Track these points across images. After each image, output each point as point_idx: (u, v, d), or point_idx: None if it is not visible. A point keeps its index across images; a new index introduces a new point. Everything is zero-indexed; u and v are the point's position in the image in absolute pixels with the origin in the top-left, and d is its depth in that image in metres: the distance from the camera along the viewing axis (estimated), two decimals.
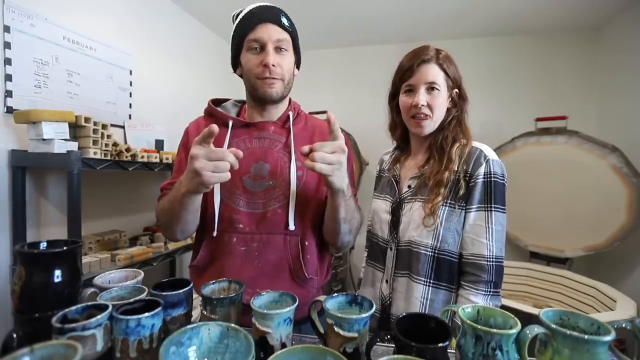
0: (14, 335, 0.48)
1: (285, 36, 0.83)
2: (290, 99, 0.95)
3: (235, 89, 0.88)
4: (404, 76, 0.90)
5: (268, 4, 0.84)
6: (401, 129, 0.99)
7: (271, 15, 0.82)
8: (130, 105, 1.89)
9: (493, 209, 0.83)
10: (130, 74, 1.88)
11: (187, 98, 2.36)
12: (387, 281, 0.94)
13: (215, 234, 0.84)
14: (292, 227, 0.83)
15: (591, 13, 2.26)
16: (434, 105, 0.87)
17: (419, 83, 0.87)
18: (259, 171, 0.84)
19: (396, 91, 0.95)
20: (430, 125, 0.89)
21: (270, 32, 0.81)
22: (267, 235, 0.83)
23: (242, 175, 0.84)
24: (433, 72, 0.86)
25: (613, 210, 2.00)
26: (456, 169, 0.86)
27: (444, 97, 0.88)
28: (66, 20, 1.51)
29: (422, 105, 0.86)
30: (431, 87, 0.87)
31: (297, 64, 0.92)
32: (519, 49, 2.64)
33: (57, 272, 0.55)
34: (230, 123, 0.88)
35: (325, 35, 2.77)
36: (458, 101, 0.91)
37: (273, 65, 0.81)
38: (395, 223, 0.94)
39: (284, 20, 0.83)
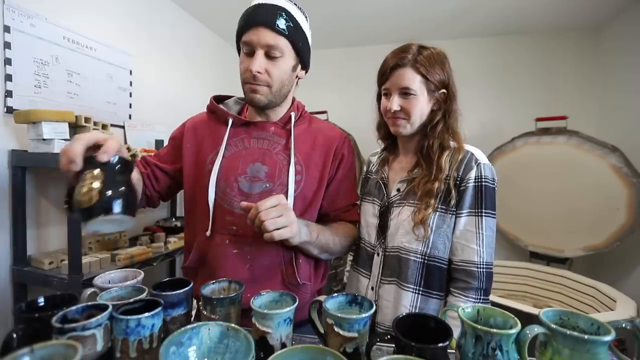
0: (14, 335, 0.48)
1: (278, 41, 0.77)
2: (294, 99, 0.93)
3: (235, 89, 0.87)
4: (381, 79, 0.89)
5: (269, 2, 0.78)
6: (385, 128, 0.96)
7: (266, 17, 0.76)
8: (130, 105, 1.89)
9: (484, 214, 0.81)
10: (130, 74, 1.88)
11: (187, 98, 2.36)
12: (372, 288, 0.90)
13: (208, 233, 0.82)
14: None
15: (591, 12, 2.26)
16: (409, 109, 0.84)
17: (393, 87, 0.85)
18: (255, 173, 0.82)
19: (380, 91, 0.93)
20: (407, 127, 0.87)
21: (260, 37, 0.76)
22: (261, 239, 0.81)
23: (238, 176, 0.82)
24: (407, 77, 0.82)
25: (613, 210, 2.00)
26: (447, 174, 0.83)
27: (423, 101, 0.84)
28: (66, 20, 1.51)
29: (396, 110, 0.85)
30: (405, 93, 0.84)
31: (303, 65, 0.87)
32: (519, 49, 2.64)
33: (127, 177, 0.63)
34: (230, 121, 0.86)
35: (325, 35, 2.77)
36: (443, 103, 0.86)
37: (259, 72, 0.77)
38: (382, 227, 0.90)
39: (280, 23, 0.76)
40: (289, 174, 0.82)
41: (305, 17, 0.85)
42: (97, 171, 0.57)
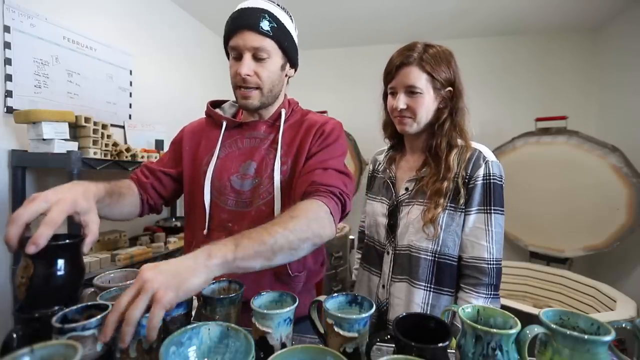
0: (14, 335, 0.48)
1: (264, 43, 0.78)
2: (285, 96, 0.93)
3: None
4: (387, 78, 0.89)
5: (251, 6, 0.79)
6: (392, 127, 0.97)
7: (249, 20, 0.77)
8: (130, 105, 1.89)
9: (492, 211, 0.82)
10: (130, 74, 1.88)
11: (187, 98, 2.36)
12: (384, 286, 0.92)
13: (205, 232, 0.84)
14: None
15: (591, 13, 2.26)
16: (415, 108, 0.85)
17: (399, 86, 0.86)
18: (246, 170, 0.84)
19: (386, 90, 0.93)
20: (413, 126, 0.87)
21: (245, 40, 0.77)
22: None
23: (231, 175, 0.85)
24: (413, 76, 0.83)
25: (613, 210, 2.00)
26: (456, 173, 0.84)
27: (429, 100, 0.85)
28: (66, 20, 1.51)
29: (402, 108, 0.85)
30: (411, 91, 0.84)
31: (292, 63, 0.88)
32: (519, 49, 2.64)
33: (63, 265, 0.55)
34: (224, 124, 0.89)
35: (325, 35, 2.77)
36: (449, 101, 0.87)
37: (248, 75, 0.79)
38: (392, 227, 0.91)
39: (264, 25, 0.77)
40: (274, 166, 0.82)
41: (289, 16, 0.86)
42: (27, 263, 0.52)
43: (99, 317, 0.47)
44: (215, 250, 0.55)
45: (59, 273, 0.54)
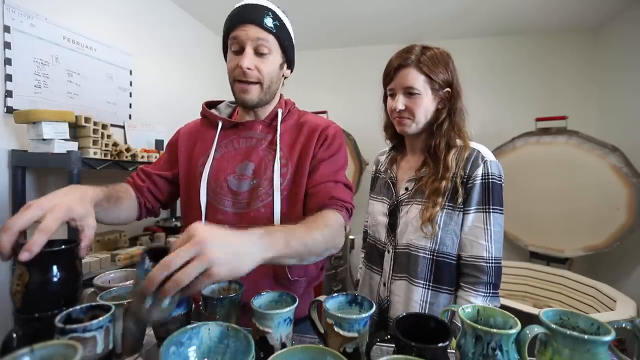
0: (14, 335, 0.48)
1: (267, 37, 0.78)
2: (281, 96, 0.93)
3: None
4: (386, 80, 0.91)
5: (255, 3, 0.80)
6: (393, 129, 0.98)
7: (253, 15, 0.78)
8: (130, 105, 1.89)
9: (491, 210, 0.82)
10: (130, 74, 1.88)
11: (187, 98, 2.36)
12: (384, 284, 0.93)
13: None
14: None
15: (591, 13, 2.26)
16: (413, 109, 0.87)
17: (397, 88, 0.88)
18: (243, 171, 0.83)
19: (386, 92, 0.95)
20: (412, 126, 0.89)
21: (249, 33, 0.77)
22: None
23: (227, 175, 0.84)
24: (411, 77, 0.85)
25: (613, 210, 2.00)
26: (454, 172, 0.85)
27: (427, 101, 0.87)
28: (66, 20, 1.51)
29: (400, 109, 0.87)
30: (409, 92, 0.86)
31: (289, 64, 0.88)
32: (519, 49, 2.64)
33: (58, 272, 0.55)
34: (220, 124, 0.88)
35: (325, 35, 2.77)
36: (447, 102, 0.88)
37: (249, 69, 0.78)
38: (392, 226, 0.93)
39: (267, 21, 0.78)
40: (274, 168, 0.82)
41: (287, 18, 0.86)
42: (22, 270, 0.53)
43: (100, 319, 0.47)
44: (274, 244, 0.54)
45: (55, 279, 0.54)
